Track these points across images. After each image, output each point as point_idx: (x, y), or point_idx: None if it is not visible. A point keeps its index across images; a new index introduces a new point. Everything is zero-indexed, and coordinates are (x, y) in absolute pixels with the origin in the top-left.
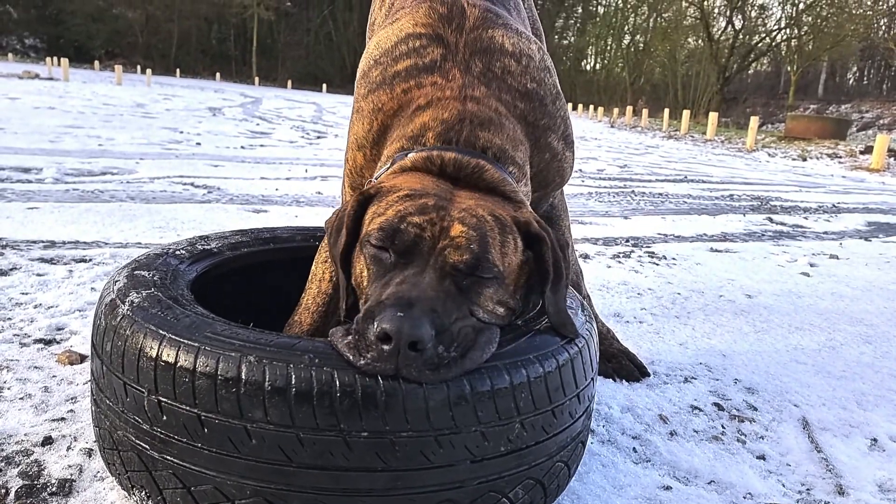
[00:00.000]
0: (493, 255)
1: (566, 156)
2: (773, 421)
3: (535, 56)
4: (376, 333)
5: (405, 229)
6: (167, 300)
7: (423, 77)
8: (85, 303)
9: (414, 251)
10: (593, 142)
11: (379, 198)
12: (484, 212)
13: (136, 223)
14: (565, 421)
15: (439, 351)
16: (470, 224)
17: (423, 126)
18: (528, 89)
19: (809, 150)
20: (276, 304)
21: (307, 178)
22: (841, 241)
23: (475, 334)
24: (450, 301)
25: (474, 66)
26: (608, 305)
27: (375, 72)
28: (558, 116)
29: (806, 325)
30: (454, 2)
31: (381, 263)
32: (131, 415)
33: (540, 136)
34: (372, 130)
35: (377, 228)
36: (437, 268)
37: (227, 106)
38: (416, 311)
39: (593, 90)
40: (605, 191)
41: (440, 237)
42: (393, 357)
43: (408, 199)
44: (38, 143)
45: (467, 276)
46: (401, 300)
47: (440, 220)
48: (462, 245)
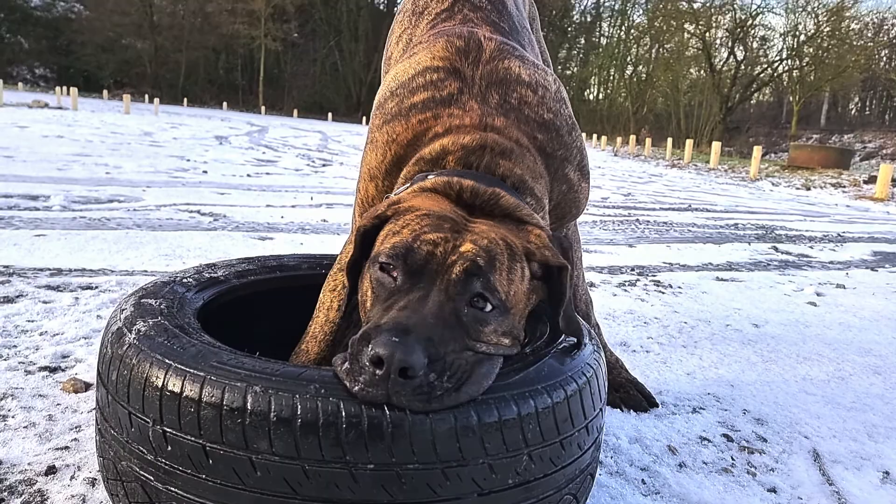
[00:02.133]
0: (497, 278)
1: (582, 187)
2: (783, 453)
3: (552, 87)
4: (369, 356)
5: (418, 248)
6: (174, 329)
7: (440, 109)
8: (90, 330)
9: (424, 270)
10: (597, 170)
11: (396, 217)
12: (496, 236)
13: (142, 251)
14: (574, 452)
15: (430, 379)
16: (480, 244)
17: (443, 149)
18: (545, 120)
19: (813, 179)
20: (283, 332)
21: (312, 206)
22: (847, 270)
23: (472, 366)
24: (448, 331)
25: (491, 98)
26: (615, 334)
27: (391, 103)
28: (574, 147)
29: (814, 356)
30: (471, 35)
31: (385, 287)
32: (136, 445)
33: (557, 167)
34: (385, 161)
35: (390, 247)
36: (442, 289)
37: (234, 134)
38: (412, 338)
39: (597, 119)
40: (610, 219)
41: (451, 254)
42: (384, 382)
43: (425, 219)
44: (47, 171)
45: (469, 304)
46: (398, 325)
47: (454, 239)
48: (468, 259)
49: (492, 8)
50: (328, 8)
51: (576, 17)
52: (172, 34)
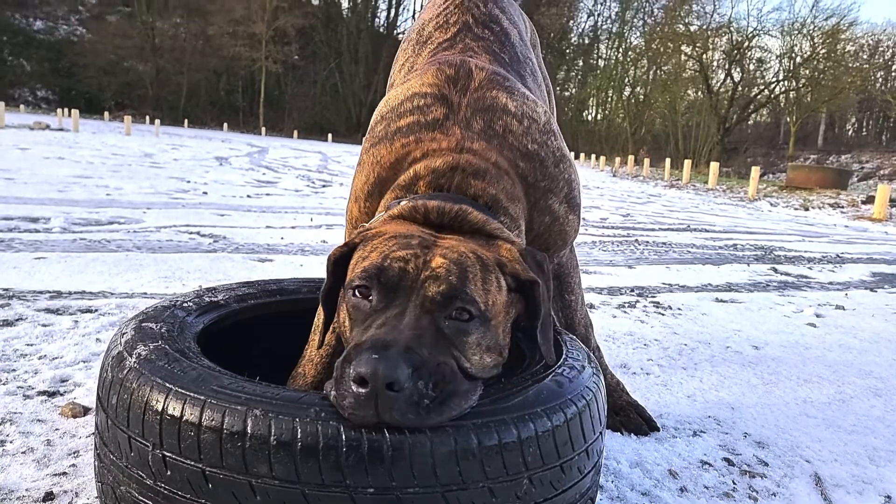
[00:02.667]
0: (473, 289)
1: (569, 219)
2: (784, 477)
3: (540, 119)
4: (352, 377)
5: (389, 266)
6: (174, 353)
7: (423, 133)
8: (90, 354)
9: (398, 287)
10: (596, 191)
11: (364, 243)
12: (465, 249)
13: (142, 273)
14: (574, 476)
15: (419, 387)
16: (450, 258)
17: (416, 175)
18: (530, 150)
19: (811, 199)
20: (284, 355)
21: (312, 227)
22: (846, 291)
23: (454, 380)
24: (428, 337)
25: (475, 124)
26: (615, 356)
27: (380, 127)
28: (561, 179)
29: (814, 378)
30: (462, 63)
31: (361, 310)
32: (135, 470)
33: (540, 197)
34: (368, 182)
35: (361, 270)
36: (417, 304)
37: (234, 155)
38: (392, 351)
39: (595, 140)
40: (609, 240)
41: (422, 269)
42: (371, 401)
43: (392, 241)
44: (47, 192)
45: (448, 315)
46: (377, 342)
47: (423, 255)
48: (441, 276)
49: (494, 39)
50: (329, 31)
51: (574, 40)
52: (174, 56)
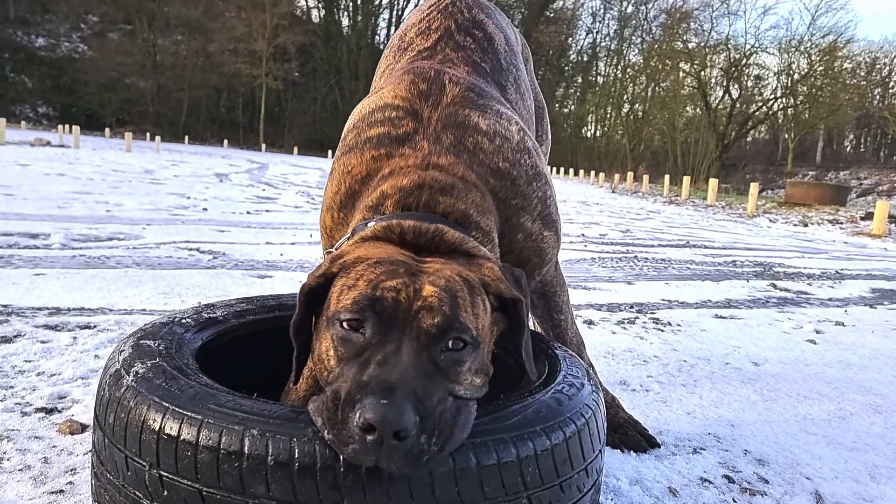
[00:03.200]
0: (465, 316)
1: (544, 236)
2: (785, 494)
3: (513, 138)
4: (359, 424)
5: (382, 296)
6: (172, 370)
7: (393, 147)
8: (88, 370)
9: (393, 319)
10: (595, 207)
11: (345, 271)
12: (452, 273)
13: (141, 289)
14: (573, 495)
15: (421, 441)
16: (440, 285)
17: (382, 194)
18: (501, 168)
19: (810, 215)
20: (282, 370)
21: (312, 243)
22: (846, 307)
23: (454, 417)
24: (429, 381)
25: (445, 139)
26: (614, 373)
27: (351, 136)
28: (534, 197)
29: (814, 394)
30: (436, 78)
31: (352, 343)
32: (132, 489)
33: (511, 214)
34: (340, 192)
35: (351, 302)
36: (413, 337)
37: (234, 172)
38: (399, 397)
39: (594, 156)
40: (608, 256)
41: (414, 299)
42: (375, 448)
43: (378, 266)
44: (47, 208)
45: (444, 347)
46: (382, 385)
47: (412, 283)
48: (434, 306)
49: (476, 47)
50: (329, 48)
51: (573, 57)
52: (175, 73)
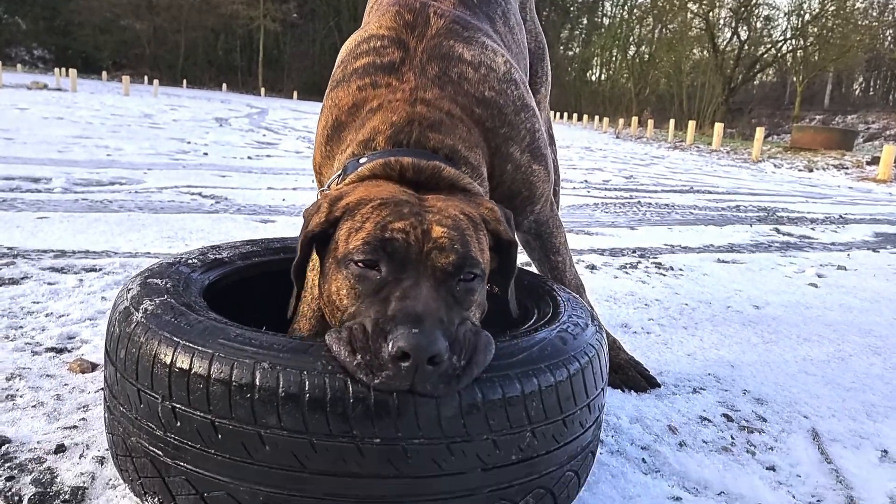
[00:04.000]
0: (474, 251)
1: (533, 168)
2: (782, 432)
3: (499, 69)
4: (392, 353)
5: (392, 237)
6: (180, 307)
7: (379, 76)
8: (96, 312)
9: (405, 259)
10: (599, 152)
11: (350, 214)
12: (455, 211)
13: (144, 233)
14: (576, 430)
15: (453, 362)
16: (448, 224)
17: (374, 130)
18: (486, 97)
19: (816, 160)
20: (286, 312)
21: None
22: (849, 252)
23: (475, 338)
24: (449, 309)
25: (430, 70)
26: (615, 316)
27: (338, 71)
28: (522, 128)
29: (814, 336)
30: (421, 10)
31: (368, 281)
32: (145, 421)
33: (500, 144)
34: (327, 126)
35: (362, 243)
36: (428, 275)
37: (234, 116)
38: (428, 325)
39: (599, 101)
40: (612, 201)
41: (424, 241)
42: (410, 374)
43: (383, 208)
44: (47, 153)
45: (458, 280)
46: (409, 316)
47: (420, 224)
48: (446, 246)
49: None
50: None
51: None
52: (171, 14)
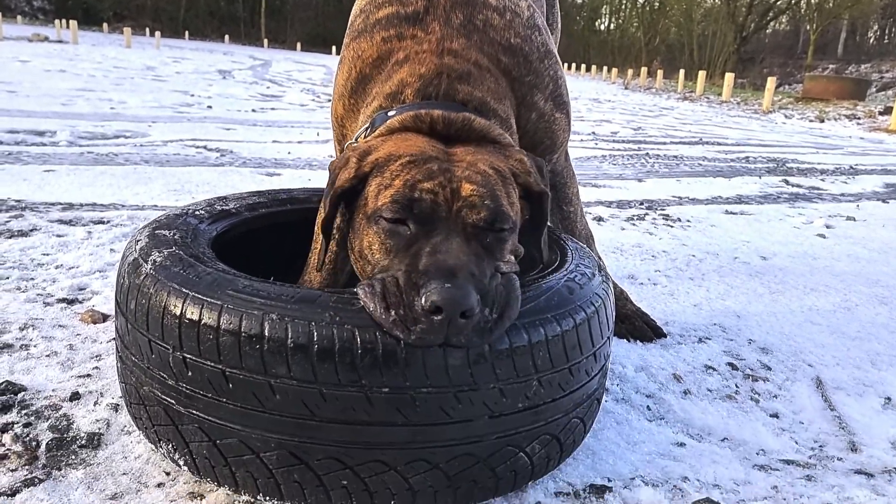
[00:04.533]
0: (505, 205)
1: (556, 117)
2: (786, 380)
3: (523, 13)
4: (426, 307)
5: (420, 197)
6: (189, 258)
7: (403, 28)
8: (105, 264)
9: (433, 217)
10: (607, 104)
11: (379, 170)
12: (485, 166)
13: (151, 186)
14: (581, 379)
15: (485, 314)
16: (477, 181)
17: (401, 82)
18: (512, 44)
19: (827, 111)
20: (294, 263)
21: (319, 142)
22: (858, 202)
23: (507, 290)
24: (481, 262)
25: (455, 19)
26: (622, 267)
27: (359, 20)
28: (546, 75)
29: (821, 287)
30: None
31: (399, 236)
32: (157, 371)
33: (526, 93)
34: (350, 79)
35: (390, 201)
36: (459, 231)
37: (237, 69)
38: (461, 279)
39: (607, 51)
40: (619, 153)
41: (453, 200)
42: (443, 327)
43: (412, 167)
44: (51, 106)
45: (488, 233)
46: (441, 270)
47: (449, 183)
48: (476, 203)
49: None
50: None
51: None
52: None
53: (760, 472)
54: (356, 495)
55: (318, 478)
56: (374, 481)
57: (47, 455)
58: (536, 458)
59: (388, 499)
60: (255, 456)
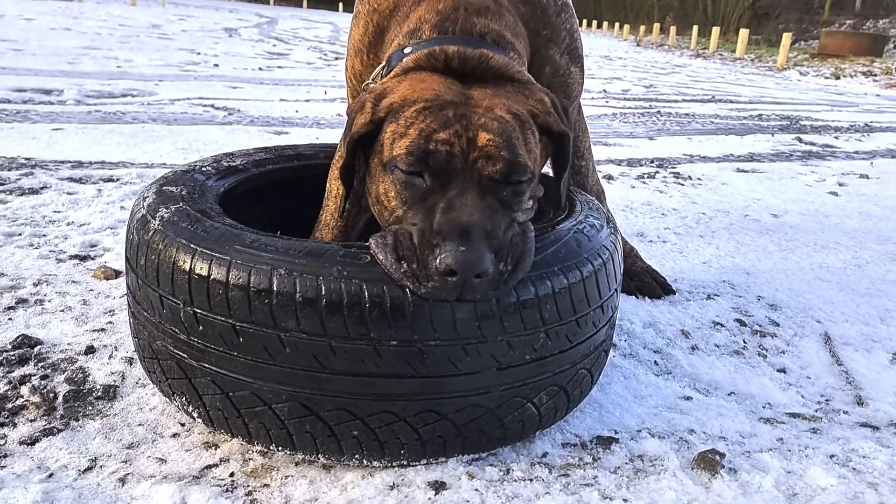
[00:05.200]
0: (523, 156)
1: (571, 71)
2: (794, 336)
3: None
4: (440, 269)
5: (436, 149)
6: (196, 213)
7: None
8: (115, 221)
9: (448, 169)
10: (618, 61)
11: (394, 115)
12: (503, 112)
13: (159, 144)
14: (589, 330)
15: (500, 269)
16: (494, 130)
17: (419, 19)
18: None
19: (843, 68)
20: (301, 220)
21: (327, 100)
22: (872, 160)
23: (522, 242)
24: (496, 216)
25: None
26: (632, 225)
27: None
28: (563, 29)
29: (832, 244)
30: None
31: (415, 188)
32: (168, 325)
33: (541, 46)
34: (368, 33)
35: (405, 153)
36: (474, 183)
37: (243, 26)
38: (475, 239)
39: (619, 6)
40: (631, 111)
41: (469, 150)
42: (457, 287)
43: (427, 114)
44: (57, 64)
45: (505, 186)
46: (456, 229)
47: (465, 132)
48: (493, 154)
49: None
50: None
51: None
52: None
53: (766, 425)
54: (367, 445)
55: (330, 428)
56: (384, 432)
57: (65, 406)
58: (544, 409)
59: (399, 448)
60: (268, 407)
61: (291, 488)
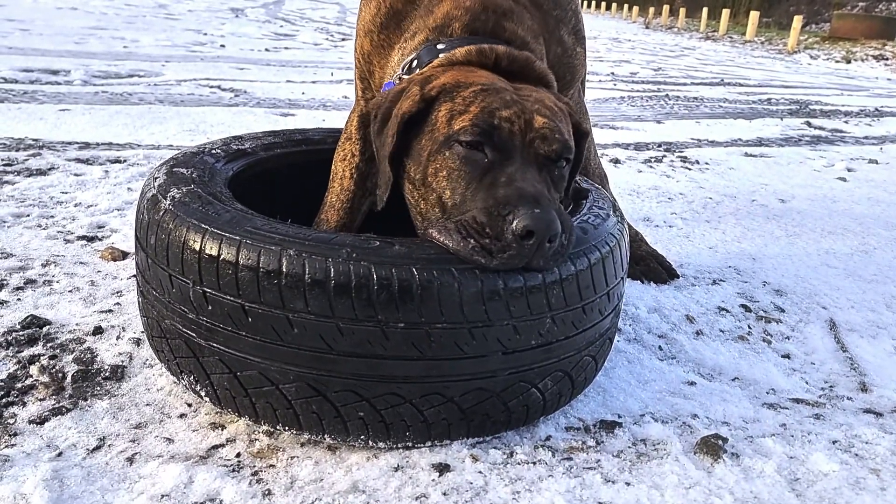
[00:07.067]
0: (571, 141)
1: (577, 51)
2: (800, 322)
3: None
4: (517, 231)
5: (500, 124)
6: (207, 196)
7: None
8: (123, 202)
9: (510, 146)
10: (627, 44)
11: (448, 95)
12: (550, 103)
13: (166, 125)
14: (594, 317)
15: (562, 240)
16: (547, 115)
17: (447, 16)
18: None
19: (854, 51)
20: (309, 203)
21: (333, 82)
22: (882, 145)
23: (568, 219)
24: (551, 192)
25: None
26: (638, 210)
27: None
28: (569, 9)
29: (839, 230)
30: None
31: (475, 163)
32: (177, 305)
33: (554, 27)
34: (379, 14)
35: (470, 125)
36: (531, 161)
37: (250, 7)
38: (545, 206)
39: None
40: (638, 95)
41: (527, 130)
42: (531, 251)
43: (487, 94)
44: (64, 44)
45: (555, 165)
46: (526, 197)
47: (522, 113)
48: (548, 135)
49: None
50: None
51: None
52: None
53: (770, 411)
54: (372, 426)
55: (336, 409)
56: (389, 413)
57: (73, 386)
58: (548, 394)
59: (404, 430)
60: (275, 387)
61: (297, 469)
